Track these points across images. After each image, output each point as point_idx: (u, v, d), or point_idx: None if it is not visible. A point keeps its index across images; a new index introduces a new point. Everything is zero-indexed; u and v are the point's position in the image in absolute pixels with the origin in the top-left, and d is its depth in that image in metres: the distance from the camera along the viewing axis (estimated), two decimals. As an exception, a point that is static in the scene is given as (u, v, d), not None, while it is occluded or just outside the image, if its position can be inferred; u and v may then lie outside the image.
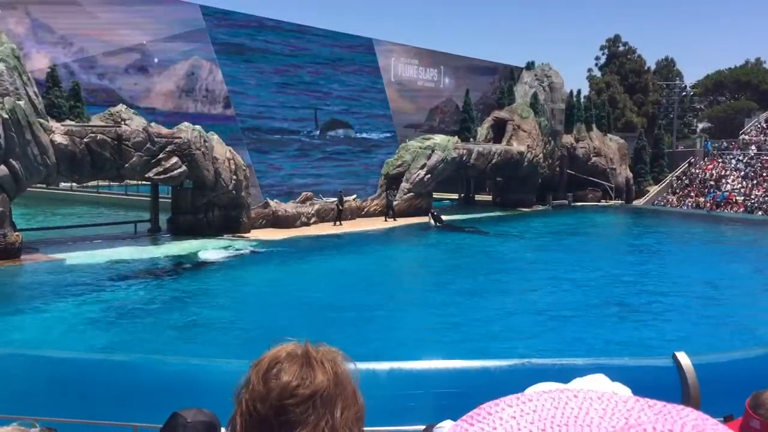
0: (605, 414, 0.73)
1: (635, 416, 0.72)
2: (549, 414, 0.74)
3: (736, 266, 23.45)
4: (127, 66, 26.65)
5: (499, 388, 1.16)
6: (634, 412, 0.73)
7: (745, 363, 7.21)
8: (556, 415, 0.73)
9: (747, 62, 78.46)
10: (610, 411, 0.74)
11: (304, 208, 30.34)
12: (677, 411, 0.72)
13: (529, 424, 0.73)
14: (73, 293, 16.84)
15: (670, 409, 0.73)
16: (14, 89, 20.46)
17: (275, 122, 31.65)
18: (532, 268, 22.78)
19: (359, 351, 8.29)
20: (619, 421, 0.72)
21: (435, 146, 35.52)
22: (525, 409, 0.75)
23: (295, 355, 1.19)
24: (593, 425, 0.72)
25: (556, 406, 0.75)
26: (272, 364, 1.18)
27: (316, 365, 1.17)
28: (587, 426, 0.71)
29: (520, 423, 0.74)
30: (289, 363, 1.17)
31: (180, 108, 27.99)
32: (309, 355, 1.19)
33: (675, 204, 46.68)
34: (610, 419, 0.72)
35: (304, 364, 1.17)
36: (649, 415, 0.72)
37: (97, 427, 5.38)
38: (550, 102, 44.10)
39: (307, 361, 1.18)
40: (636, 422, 0.70)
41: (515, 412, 0.75)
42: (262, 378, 1.16)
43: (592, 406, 0.75)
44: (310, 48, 33.01)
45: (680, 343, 11.54)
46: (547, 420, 0.73)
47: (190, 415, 2.34)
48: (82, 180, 25.61)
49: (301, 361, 1.18)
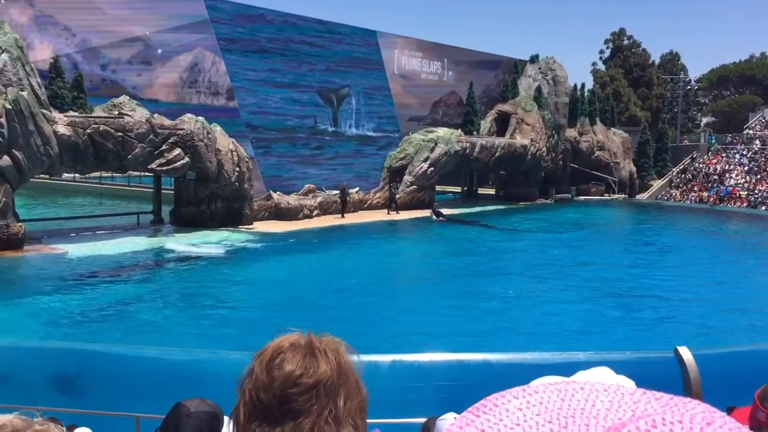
0: (612, 406, 0.73)
1: (642, 408, 0.72)
2: (555, 406, 0.74)
3: (742, 261, 23.43)
4: (130, 57, 26.60)
5: (501, 381, 1.16)
6: (641, 404, 0.73)
7: (746, 357, 7.22)
8: (563, 407, 0.73)
9: (752, 56, 78.19)
10: (617, 403, 0.74)
11: (307, 201, 30.36)
12: (684, 403, 0.72)
13: (535, 415, 0.73)
14: (72, 285, 16.88)
15: (677, 401, 0.73)
16: (17, 80, 20.46)
17: (277, 115, 31.59)
18: (533, 259, 22.77)
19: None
20: (626, 413, 0.72)
21: (438, 139, 35.48)
22: (531, 401, 0.75)
23: (298, 345, 1.19)
24: (600, 417, 0.71)
25: (563, 398, 0.75)
26: (275, 353, 1.18)
27: (320, 355, 1.18)
28: (594, 418, 0.71)
29: (527, 414, 0.73)
30: (292, 353, 1.18)
31: (183, 99, 27.95)
32: (312, 345, 1.19)
33: (678, 198, 46.59)
34: (616, 411, 0.72)
35: (308, 354, 1.18)
36: (656, 407, 0.72)
37: (100, 418, 5.39)
38: (554, 95, 43.98)
39: (311, 351, 1.18)
40: (643, 414, 0.70)
41: (521, 404, 0.75)
42: (265, 368, 1.17)
43: (598, 398, 0.75)
44: (313, 40, 32.91)
45: (684, 336, 11.55)
46: (554, 412, 0.73)
47: (193, 405, 2.36)
48: (85, 171, 25.63)
49: (305, 350, 1.18)
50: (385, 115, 36.85)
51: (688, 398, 0.74)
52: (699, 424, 0.66)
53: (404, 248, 26.27)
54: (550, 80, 44.29)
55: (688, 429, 0.65)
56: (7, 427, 1.09)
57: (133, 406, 5.19)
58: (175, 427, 2.29)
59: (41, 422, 1.14)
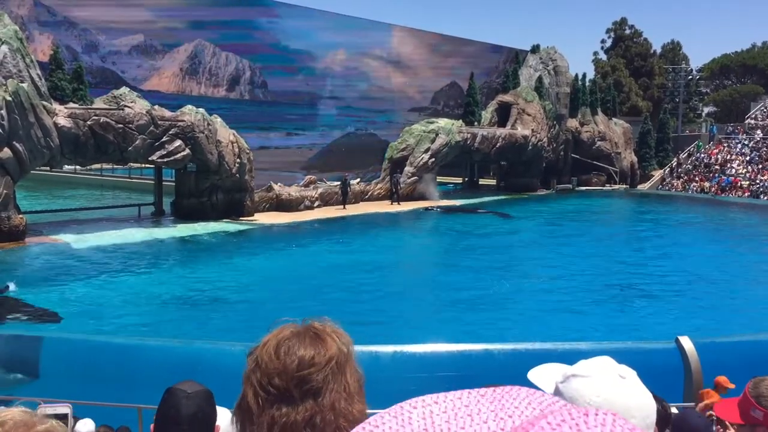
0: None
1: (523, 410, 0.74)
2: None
3: (743, 251, 23.42)
4: (130, 48, 26.54)
5: (501, 371, 1.16)
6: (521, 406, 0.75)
7: (746, 346, 7.24)
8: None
9: (754, 46, 77.89)
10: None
11: (308, 192, 30.33)
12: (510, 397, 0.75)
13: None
14: (76, 274, 16.91)
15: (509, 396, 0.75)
16: (17, 72, 20.42)
17: (279, 106, 31.55)
18: (534, 249, 22.78)
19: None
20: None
21: (439, 130, 35.40)
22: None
23: (300, 331, 1.25)
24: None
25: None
26: (281, 341, 1.22)
27: (326, 336, 1.24)
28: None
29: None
30: (298, 338, 1.23)
31: (183, 91, 27.90)
32: (315, 328, 1.26)
33: (679, 188, 46.53)
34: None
35: (314, 337, 1.23)
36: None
37: (102, 408, 5.41)
38: (555, 86, 43.85)
39: (316, 334, 1.24)
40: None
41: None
42: (275, 354, 1.20)
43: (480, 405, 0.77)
44: (314, 30, 32.79)
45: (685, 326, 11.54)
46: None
47: (186, 386, 2.36)
48: (86, 163, 25.62)
49: (310, 334, 1.24)
50: (385, 106, 36.69)
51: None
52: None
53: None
54: (551, 70, 44.14)
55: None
56: (8, 423, 1.08)
57: (134, 398, 5.21)
58: (176, 408, 2.29)
59: (42, 419, 1.12)
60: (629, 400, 1.39)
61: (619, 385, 1.41)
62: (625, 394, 1.40)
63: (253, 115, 30.50)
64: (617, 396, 1.39)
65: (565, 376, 1.46)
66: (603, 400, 1.38)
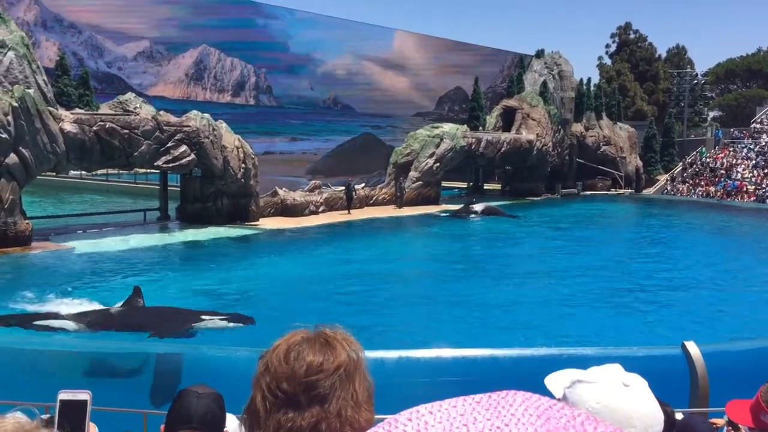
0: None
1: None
2: None
3: (750, 256, 23.33)
4: (135, 54, 26.66)
5: (507, 377, 1.16)
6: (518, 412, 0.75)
7: (753, 352, 7.20)
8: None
9: (759, 50, 77.73)
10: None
11: (312, 197, 30.35)
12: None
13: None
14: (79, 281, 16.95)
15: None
16: (24, 77, 20.52)
17: (283, 110, 31.63)
18: (543, 253, 22.75)
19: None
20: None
21: (444, 135, 35.41)
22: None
23: (310, 337, 1.25)
24: None
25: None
26: (291, 346, 1.23)
27: (336, 343, 1.24)
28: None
29: None
30: (308, 344, 1.23)
31: (189, 96, 28.00)
32: (326, 335, 1.26)
33: (685, 193, 46.40)
34: None
35: (324, 343, 1.24)
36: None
37: (107, 414, 5.41)
38: (560, 90, 43.83)
39: (326, 341, 1.24)
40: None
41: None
42: (284, 359, 1.21)
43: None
44: (318, 36, 32.90)
45: (691, 332, 11.51)
46: None
47: (199, 388, 2.42)
48: (92, 168, 25.71)
49: (321, 340, 1.24)
50: (390, 111, 36.71)
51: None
52: None
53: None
54: (556, 75, 44.13)
55: None
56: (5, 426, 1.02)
57: (140, 403, 5.21)
58: (187, 408, 2.33)
59: (36, 427, 1.03)
60: (631, 409, 1.39)
61: (622, 393, 1.41)
62: (627, 402, 1.40)
63: (258, 120, 30.60)
64: (618, 403, 1.39)
65: (572, 382, 1.47)
66: (603, 406, 1.39)
